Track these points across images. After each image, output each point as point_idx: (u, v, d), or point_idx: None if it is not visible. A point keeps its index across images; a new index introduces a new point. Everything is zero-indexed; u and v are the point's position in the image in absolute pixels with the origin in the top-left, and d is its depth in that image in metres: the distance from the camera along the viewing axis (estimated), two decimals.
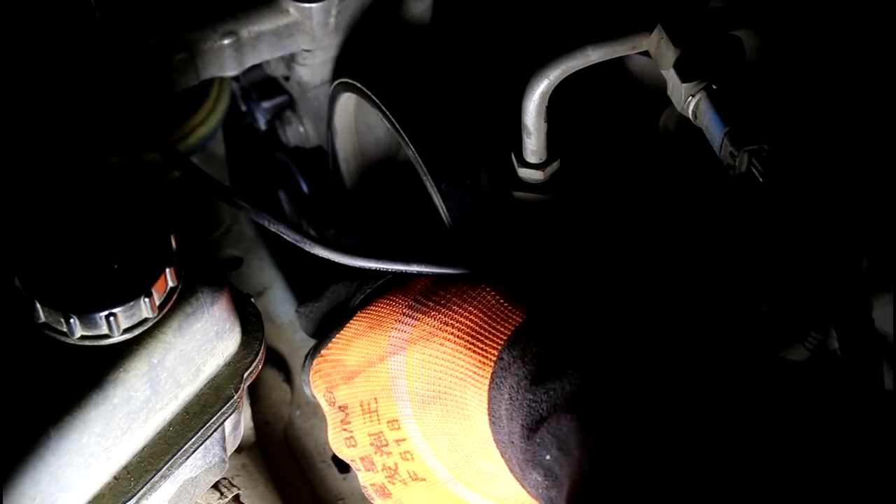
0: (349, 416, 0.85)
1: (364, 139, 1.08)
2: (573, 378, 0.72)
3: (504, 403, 0.76)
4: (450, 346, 0.80)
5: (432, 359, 0.81)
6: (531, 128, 0.89)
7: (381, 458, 0.84)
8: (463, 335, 0.80)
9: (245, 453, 1.04)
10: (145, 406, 0.75)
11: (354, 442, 0.85)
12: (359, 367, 0.84)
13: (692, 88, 0.84)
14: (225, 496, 0.92)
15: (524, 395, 0.74)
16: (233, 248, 1.22)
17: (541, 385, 0.73)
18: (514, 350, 0.77)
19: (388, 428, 0.83)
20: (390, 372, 0.82)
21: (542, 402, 0.73)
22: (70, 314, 0.71)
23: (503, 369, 0.77)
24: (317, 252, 0.85)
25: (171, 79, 0.96)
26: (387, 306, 0.85)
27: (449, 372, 0.80)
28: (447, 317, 0.81)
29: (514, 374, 0.76)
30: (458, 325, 0.81)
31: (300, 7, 0.99)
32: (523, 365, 0.75)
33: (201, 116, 1.09)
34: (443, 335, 0.81)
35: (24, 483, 0.70)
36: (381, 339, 0.83)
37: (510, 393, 0.76)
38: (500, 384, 0.77)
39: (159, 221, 0.75)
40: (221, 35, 0.97)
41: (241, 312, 0.82)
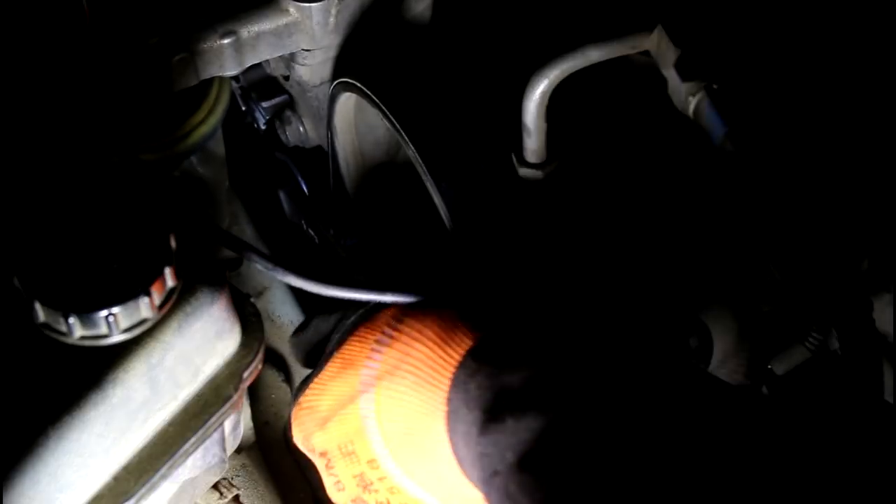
0: (331, 460, 0.84)
1: (364, 139, 1.08)
2: (516, 429, 0.70)
3: (462, 449, 0.75)
4: (411, 380, 0.78)
5: (397, 395, 0.79)
6: (531, 128, 0.89)
7: (371, 495, 0.83)
8: (421, 367, 0.78)
9: (245, 453, 1.04)
10: (145, 406, 0.75)
11: (343, 486, 0.84)
12: (331, 412, 0.83)
13: (692, 88, 0.84)
14: (225, 496, 0.92)
15: (475, 446, 0.73)
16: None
17: (487, 436, 0.72)
18: (458, 392, 0.75)
19: (369, 468, 0.82)
20: (361, 411, 0.81)
21: (492, 455, 0.71)
22: (69, 314, 0.70)
23: (454, 412, 0.75)
24: (289, 281, 0.84)
25: (171, 79, 0.96)
26: (357, 343, 0.83)
27: (413, 407, 0.78)
28: (408, 347, 0.79)
29: (462, 419, 0.74)
30: (416, 356, 0.78)
31: (300, 7, 0.99)
32: (469, 411, 0.74)
33: (201, 116, 1.08)
34: (404, 369, 0.79)
35: (23, 483, 0.70)
36: (352, 379, 0.82)
37: (464, 440, 0.74)
38: (455, 428, 0.75)
39: (159, 221, 0.75)
40: (221, 35, 0.97)
41: (240, 312, 0.82)
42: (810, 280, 0.86)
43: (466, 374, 0.75)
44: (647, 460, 0.66)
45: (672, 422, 0.68)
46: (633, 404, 0.69)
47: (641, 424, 0.68)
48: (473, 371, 0.75)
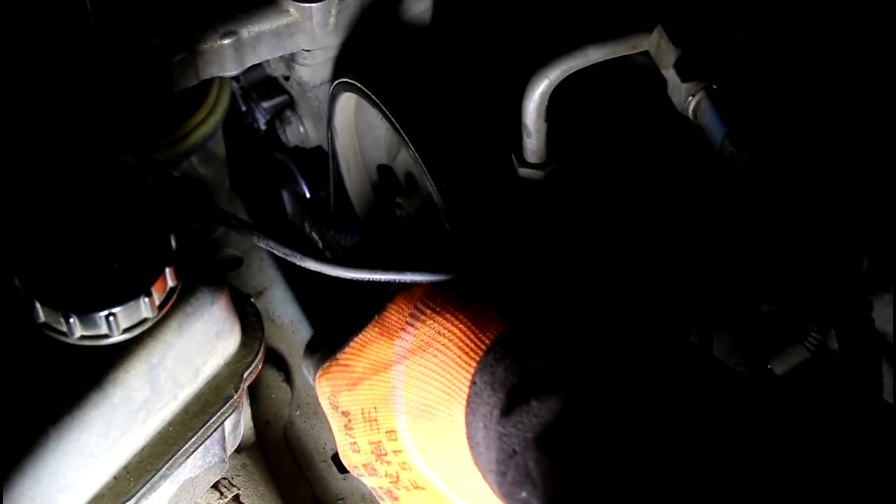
0: (351, 422, 0.85)
1: (364, 139, 1.08)
2: (539, 411, 0.71)
3: (480, 431, 0.76)
4: (440, 359, 0.80)
5: (425, 371, 0.80)
6: (531, 128, 0.89)
7: (383, 465, 0.84)
8: (452, 348, 0.79)
9: (245, 453, 1.04)
10: (145, 406, 0.75)
11: (358, 448, 0.85)
12: (364, 374, 0.84)
13: (692, 88, 0.84)
14: (225, 496, 0.92)
15: (496, 427, 0.73)
16: (233, 248, 1.22)
17: (509, 417, 0.72)
18: (484, 375, 0.76)
19: (387, 438, 0.83)
20: (391, 381, 0.82)
21: (511, 435, 0.72)
22: (70, 314, 0.71)
23: (476, 395, 0.76)
24: (307, 265, 0.85)
25: (171, 79, 0.96)
26: (395, 313, 0.85)
27: (437, 386, 0.79)
28: (441, 326, 0.81)
29: (485, 401, 0.75)
30: (449, 336, 0.80)
31: (300, 7, 0.99)
32: (493, 393, 0.75)
33: (201, 116, 1.08)
34: (435, 347, 0.80)
35: (23, 483, 0.70)
36: (387, 348, 0.83)
37: (484, 422, 0.75)
38: (475, 410, 0.76)
39: (159, 221, 0.75)
40: (221, 35, 0.97)
41: (240, 312, 0.82)
42: (810, 280, 0.86)
43: (494, 358, 0.76)
44: (663, 446, 0.66)
45: (685, 408, 0.69)
46: (650, 390, 0.70)
47: (659, 410, 0.69)
48: (501, 356, 0.76)
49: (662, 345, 0.76)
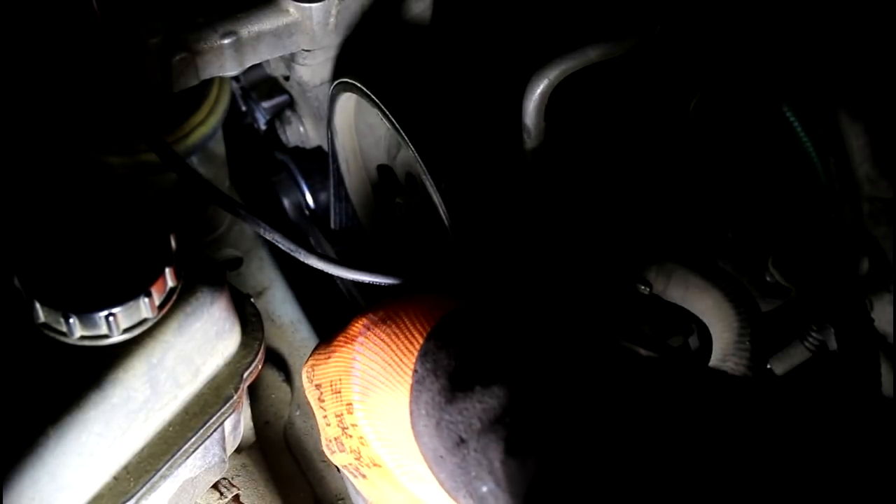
0: (322, 394, 0.85)
1: (364, 139, 1.08)
2: (483, 396, 0.71)
3: (422, 419, 0.75)
4: (393, 336, 0.80)
5: (379, 343, 0.80)
6: (531, 127, 0.89)
7: (347, 440, 0.84)
8: (401, 326, 0.79)
9: (245, 453, 1.04)
10: (145, 406, 0.75)
11: (329, 421, 0.85)
12: (335, 347, 0.84)
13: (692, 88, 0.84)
14: (225, 496, 0.92)
15: (439, 413, 0.73)
16: (233, 248, 1.22)
17: (453, 404, 0.72)
18: (426, 363, 0.76)
19: (346, 411, 0.83)
20: (353, 352, 0.82)
21: (457, 422, 0.72)
22: (70, 314, 0.71)
23: (419, 383, 0.76)
24: (311, 263, 0.85)
25: (171, 79, 0.96)
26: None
27: (387, 360, 0.79)
28: (398, 308, 0.81)
29: (427, 388, 0.75)
30: (401, 315, 0.80)
31: (300, 7, 0.99)
32: (436, 380, 0.74)
33: (201, 116, 1.08)
34: (388, 322, 0.80)
35: (23, 483, 0.70)
36: (357, 325, 0.84)
37: (426, 409, 0.75)
38: (417, 399, 0.76)
39: (159, 221, 0.75)
40: (221, 35, 0.97)
41: (240, 312, 0.82)
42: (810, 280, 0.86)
43: (436, 345, 0.76)
44: (612, 425, 0.66)
45: (632, 387, 0.68)
46: (595, 373, 0.70)
47: (605, 390, 0.68)
48: (443, 343, 0.76)
49: (609, 333, 0.76)
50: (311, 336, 1.17)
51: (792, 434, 0.66)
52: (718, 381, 0.72)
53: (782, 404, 0.69)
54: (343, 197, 1.12)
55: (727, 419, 0.66)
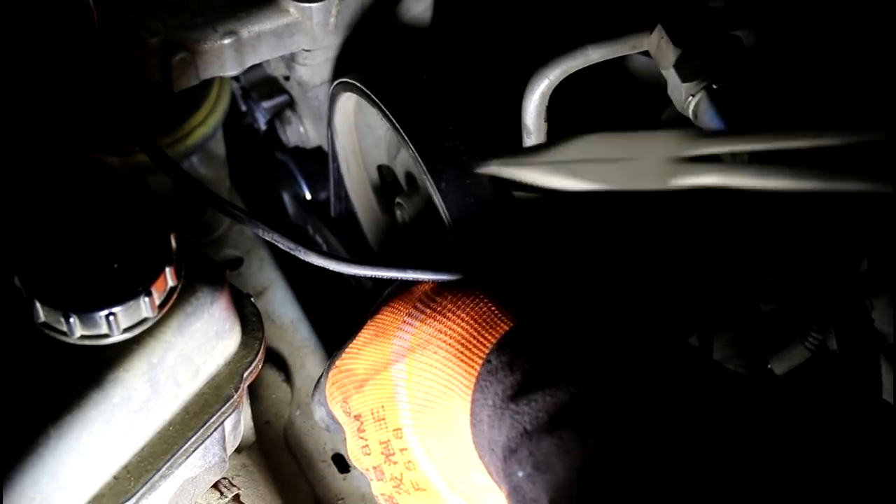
0: (363, 424, 0.85)
1: (364, 139, 1.08)
2: (555, 392, 0.72)
3: (487, 409, 0.76)
4: (442, 355, 0.80)
5: (427, 367, 0.81)
6: (531, 128, 0.89)
7: (390, 467, 0.84)
8: (454, 343, 0.80)
9: (245, 453, 1.04)
10: (145, 405, 0.75)
11: (369, 450, 0.85)
12: (367, 375, 0.84)
13: (692, 88, 0.84)
14: (225, 496, 0.92)
15: (508, 404, 0.74)
16: (233, 248, 1.22)
17: (523, 397, 0.73)
18: (502, 356, 0.76)
19: (394, 437, 0.83)
20: (393, 379, 0.82)
21: (524, 414, 0.72)
22: (70, 314, 0.71)
23: (490, 373, 0.76)
24: (311, 260, 0.85)
25: (171, 79, 0.96)
26: (391, 314, 0.85)
27: (439, 380, 0.80)
28: (442, 324, 0.81)
29: (499, 380, 0.75)
30: (451, 332, 0.80)
31: (300, 7, 0.99)
32: (510, 374, 0.75)
33: (201, 116, 1.08)
34: (436, 343, 0.81)
35: (23, 482, 0.70)
36: (385, 347, 0.83)
37: (493, 399, 0.75)
38: (485, 388, 0.76)
39: (159, 221, 0.75)
40: (221, 35, 0.97)
41: (240, 312, 0.82)
42: (810, 280, 0.86)
43: (511, 344, 0.77)
44: (676, 437, 0.66)
45: (696, 403, 0.69)
46: (663, 380, 0.71)
47: (671, 402, 0.69)
48: (517, 345, 0.77)
49: (668, 341, 0.76)
50: (311, 336, 1.17)
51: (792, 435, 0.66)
52: (784, 392, 0.73)
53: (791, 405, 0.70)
54: (343, 197, 1.12)
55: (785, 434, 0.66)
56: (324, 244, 1.20)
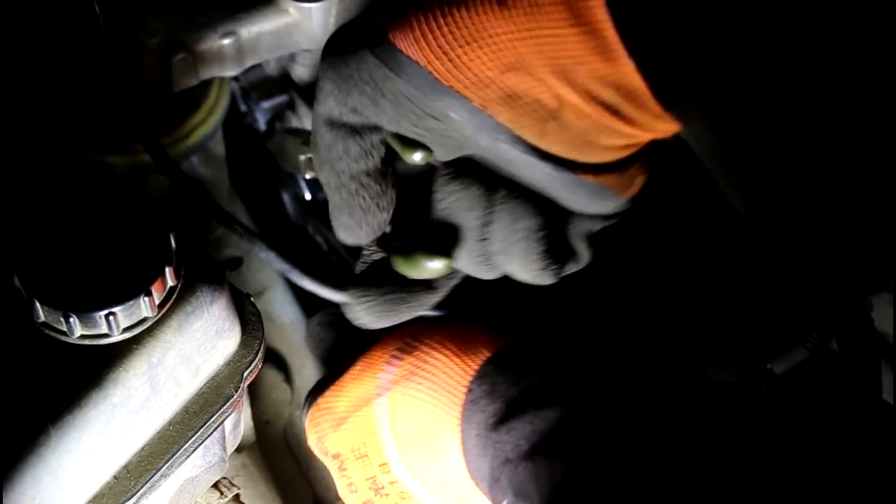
0: (344, 462, 0.85)
1: None
2: (534, 419, 0.71)
3: (472, 439, 0.76)
4: (427, 385, 0.80)
5: (411, 399, 0.80)
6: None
7: (381, 499, 0.84)
8: (438, 373, 0.80)
9: (245, 453, 1.04)
10: (145, 405, 0.75)
11: (355, 488, 0.85)
12: (347, 413, 0.84)
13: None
14: (225, 496, 0.92)
15: (490, 433, 0.74)
16: (233, 248, 1.22)
17: (504, 425, 0.73)
18: (483, 384, 0.77)
19: (381, 471, 0.83)
20: (376, 415, 0.82)
21: (505, 442, 0.72)
22: (70, 313, 0.71)
23: (473, 402, 0.76)
24: (304, 285, 0.85)
25: (171, 79, 0.96)
26: (379, 350, 0.85)
27: (425, 411, 0.79)
28: (426, 355, 0.81)
29: (481, 409, 0.75)
30: (434, 363, 0.80)
31: (300, 7, 0.99)
32: (492, 402, 0.75)
33: (201, 116, 1.08)
34: (420, 374, 0.80)
35: (23, 482, 0.70)
36: (370, 382, 0.83)
37: (478, 429, 0.75)
38: (470, 418, 0.76)
39: (159, 221, 0.75)
40: (221, 35, 0.97)
41: (240, 312, 0.82)
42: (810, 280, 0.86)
43: (495, 370, 0.77)
44: (656, 456, 0.66)
45: (678, 419, 0.69)
46: (643, 404, 0.71)
47: (652, 423, 0.69)
48: (500, 370, 0.77)
49: (652, 365, 0.76)
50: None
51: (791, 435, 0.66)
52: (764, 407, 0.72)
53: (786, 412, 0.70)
54: None
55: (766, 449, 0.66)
56: (324, 244, 1.19)
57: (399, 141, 0.79)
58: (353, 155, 0.78)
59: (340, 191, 0.80)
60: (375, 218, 0.81)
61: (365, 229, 0.82)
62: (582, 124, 0.72)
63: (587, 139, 0.73)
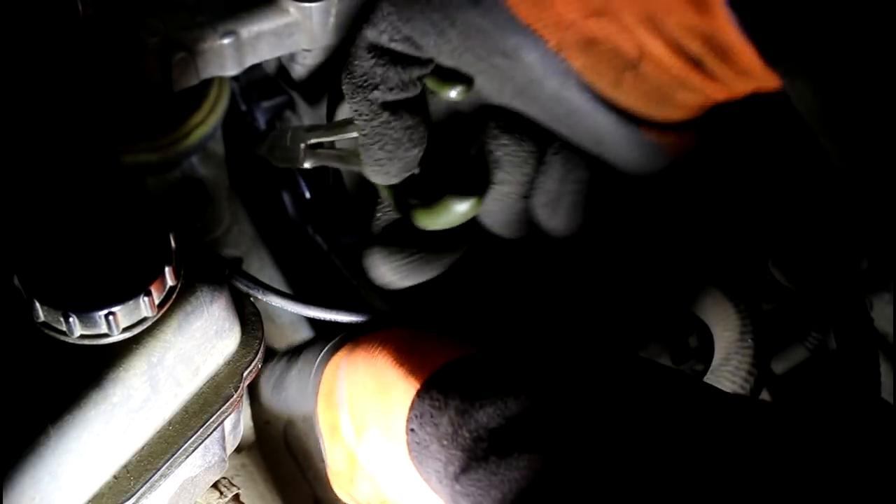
0: None
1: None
2: (498, 468, 0.66)
3: (433, 483, 0.73)
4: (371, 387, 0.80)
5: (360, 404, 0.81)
6: None
7: None
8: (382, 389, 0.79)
9: (245, 453, 1.04)
10: (145, 405, 0.75)
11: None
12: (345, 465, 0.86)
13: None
14: (225, 495, 0.92)
15: (451, 483, 0.70)
16: (233, 248, 1.22)
17: (468, 474, 0.68)
18: (426, 426, 0.72)
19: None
20: (358, 457, 0.84)
21: (472, 496, 0.68)
22: (69, 313, 0.71)
23: (422, 446, 0.73)
24: (298, 311, 0.86)
25: (171, 79, 0.96)
26: (328, 373, 0.86)
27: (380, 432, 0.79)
28: (370, 357, 0.82)
29: (435, 456, 0.72)
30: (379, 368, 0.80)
31: (300, 7, 0.99)
32: (443, 449, 0.71)
33: (201, 116, 1.08)
34: (365, 378, 0.81)
35: (23, 482, 0.70)
36: (333, 412, 0.85)
37: (437, 477, 0.72)
38: (423, 462, 0.73)
39: (159, 221, 0.75)
40: (221, 35, 0.97)
41: (240, 312, 0.82)
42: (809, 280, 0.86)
43: (433, 406, 0.72)
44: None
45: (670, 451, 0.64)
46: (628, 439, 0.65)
47: (640, 465, 0.64)
48: (440, 404, 0.71)
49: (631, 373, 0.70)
50: (311, 336, 1.17)
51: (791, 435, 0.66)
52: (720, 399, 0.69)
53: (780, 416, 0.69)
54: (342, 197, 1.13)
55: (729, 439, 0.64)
56: (324, 244, 1.20)
57: (437, 76, 0.76)
58: (390, 84, 0.76)
59: (372, 121, 0.78)
60: (407, 152, 0.78)
61: (396, 164, 0.79)
62: (661, 77, 0.69)
63: (663, 93, 0.70)
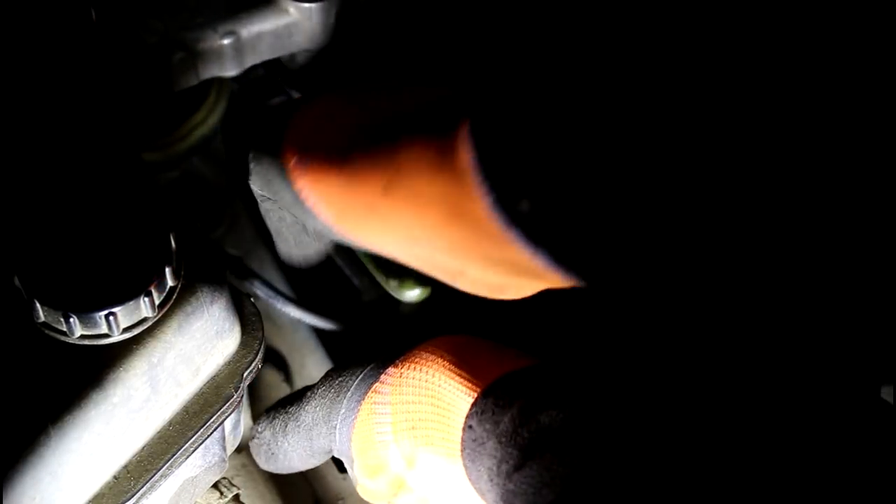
0: None
1: None
2: (552, 465, 0.68)
3: (485, 483, 0.74)
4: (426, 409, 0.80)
5: (413, 434, 0.80)
6: None
7: None
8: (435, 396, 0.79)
9: (245, 453, 1.04)
10: (145, 405, 0.75)
11: None
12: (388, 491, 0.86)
13: None
14: (225, 496, 0.92)
15: (504, 481, 0.71)
16: (233, 248, 1.22)
17: (522, 471, 0.69)
18: (485, 423, 0.74)
19: None
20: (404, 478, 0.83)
21: (525, 493, 0.69)
22: (70, 313, 0.71)
23: (477, 443, 0.74)
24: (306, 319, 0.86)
25: (171, 79, 0.96)
26: (365, 414, 0.85)
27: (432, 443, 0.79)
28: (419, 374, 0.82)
29: (490, 454, 0.73)
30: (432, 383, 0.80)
31: (300, 7, 0.99)
32: (500, 447, 0.72)
33: (201, 117, 1.09)
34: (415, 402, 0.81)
35: (23, 482, 0.70)
36: (374, 451, 0.84)
37: (489, 475, 0.73)
38: (476, 460, 0.74)
39: (159, 221, 0.75)
40: (221, 35, 0.97)
41: (240, 312, 0.82)
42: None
43: (496, 404, 0.74)
44: None
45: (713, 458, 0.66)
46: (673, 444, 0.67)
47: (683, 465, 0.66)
48: (504, 403, 0.73)
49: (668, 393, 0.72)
50: (310, 336, 1.17)
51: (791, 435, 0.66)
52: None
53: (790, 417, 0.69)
54: None
55: None
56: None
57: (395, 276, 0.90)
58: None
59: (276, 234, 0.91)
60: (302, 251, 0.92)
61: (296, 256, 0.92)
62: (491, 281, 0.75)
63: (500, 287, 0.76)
